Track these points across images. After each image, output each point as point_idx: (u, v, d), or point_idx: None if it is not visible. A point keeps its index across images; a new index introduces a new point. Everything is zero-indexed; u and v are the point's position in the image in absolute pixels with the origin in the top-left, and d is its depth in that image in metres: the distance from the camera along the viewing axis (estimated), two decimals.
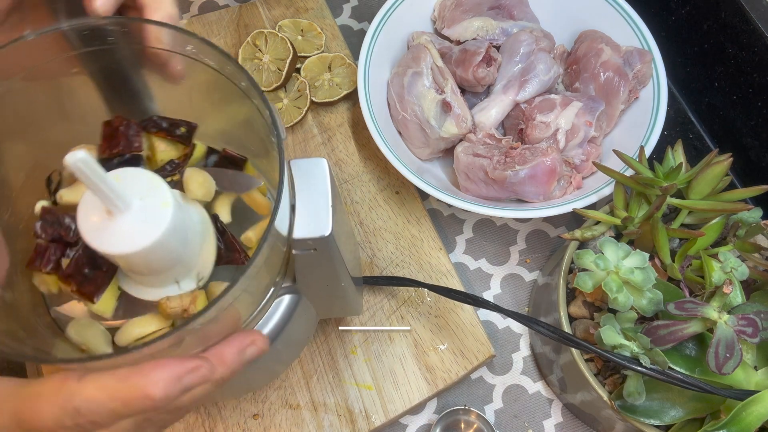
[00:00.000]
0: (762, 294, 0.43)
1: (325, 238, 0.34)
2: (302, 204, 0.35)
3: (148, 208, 0.30)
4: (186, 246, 0.33)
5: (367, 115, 0.58)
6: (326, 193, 0.35)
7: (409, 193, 0.62)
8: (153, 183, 0.31)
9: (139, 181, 0.31)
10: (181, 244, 0.32)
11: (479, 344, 0.55)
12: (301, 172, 0.36)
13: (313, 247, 0.35)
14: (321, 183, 0.36)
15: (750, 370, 0.41)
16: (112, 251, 0.29)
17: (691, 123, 0.65)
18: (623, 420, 0.43)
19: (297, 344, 0.46)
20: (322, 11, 0.72)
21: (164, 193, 0.31)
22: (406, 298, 0.57)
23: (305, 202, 0.35)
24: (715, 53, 0.60)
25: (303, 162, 0.36)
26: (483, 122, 0.59)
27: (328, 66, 0.67)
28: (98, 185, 0.27)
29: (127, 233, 0.29)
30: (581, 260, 0.43)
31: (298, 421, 0.52)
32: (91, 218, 0.29)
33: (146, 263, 0.31)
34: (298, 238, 0.34)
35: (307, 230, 0.34)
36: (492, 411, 0.56)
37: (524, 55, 0.59)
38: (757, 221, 0.45)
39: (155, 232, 0.30)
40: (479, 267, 0.62)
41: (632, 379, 0.41)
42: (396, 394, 0.53)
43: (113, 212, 0.29)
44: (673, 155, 0.48)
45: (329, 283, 0.41)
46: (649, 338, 0.39)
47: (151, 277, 0.33)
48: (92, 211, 0.30)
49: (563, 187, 0.56)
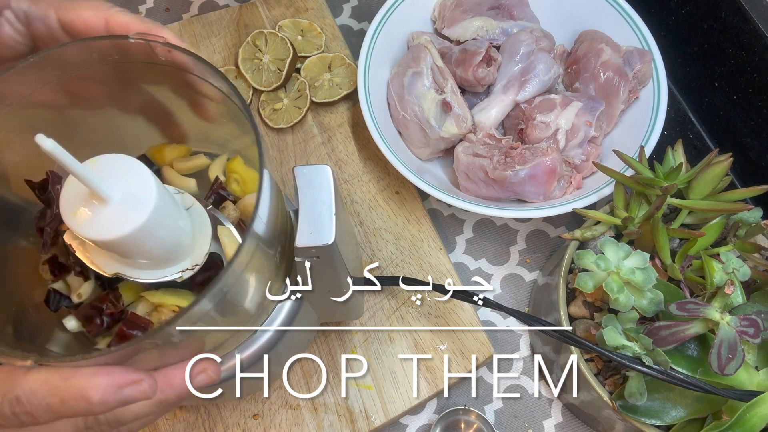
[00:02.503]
0: (762, 294, 0.43)
1: (328, 246, 0.34)
2: (305, 212, 0.35)
3: (131, 194, 0.30)
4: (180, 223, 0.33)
5: (367, 115, 0.57)
6: (329, 202, 0.35)
7: (409, 193, 0.62)
8: (135, 168, 0.31)
9: (121, 167, 0.30)
10: (170, 230, 0.32)
11: (479, 344, 0.55)
12: (305, 179, 0.36)
13: (316, 255, 0.35)
14: (325, 191, 0.35)
15: (752, 371, 0.41)
16: (96, 238, 0.29)
17: (691, 123, 0.65)
18: (623, 420, 0.43)
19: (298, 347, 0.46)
20: (322, 11, 0.72)
21: (147, 179, 0.30)
22: (406, 298, 0.57)
23: (308, 210, 0.35)
24: (715, 53, 0.60)
25: (307, 169, 0.36)
26: (483, 122, 0.59)
27: (328, 66, 0.67)
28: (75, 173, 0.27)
29: (111, 220, 0.29)
30: (582, 260, 0.43)
31: (298, 421, 0.52)
32: (75, 204, 0.29)
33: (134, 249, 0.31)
34: (301, 247, 0.34)
35: (310, 238, 0.34)
36: (492, 411, 0.56)
37: (524, 55, 0.59)
38: (757, 221, 0.45)
39: (138, 218, 0.29)
40: (479, 267, 0.62)
41: (634, 379, 0.41)
42: (396, 394, 0.53)
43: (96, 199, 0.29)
44: (673, 155, 0.48)
45: (331, 288, 0.41)
46: (650, 339, 0.39)
47: (156, 259, 0.33)
48: (76, 197, 0.29)
49: (563, 187, 0.56)
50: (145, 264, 0.34)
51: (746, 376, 0.40)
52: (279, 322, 0.39)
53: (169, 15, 0.75)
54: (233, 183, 0.42)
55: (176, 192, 0.37)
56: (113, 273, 0.34)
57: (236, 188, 0.42)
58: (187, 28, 0.70)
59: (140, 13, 0.75)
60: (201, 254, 0.36)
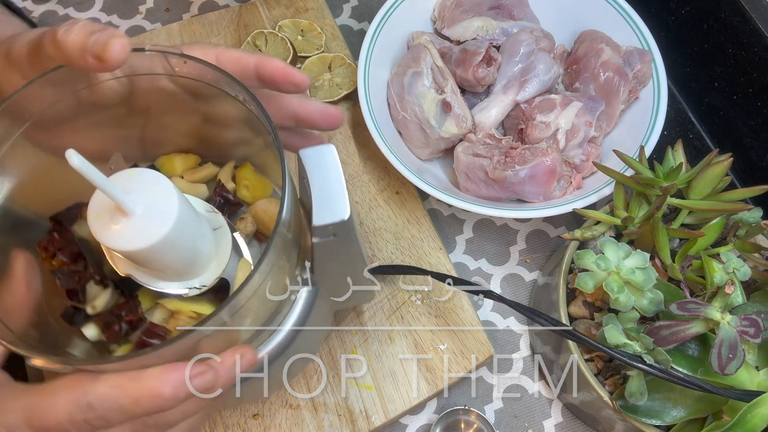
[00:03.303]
0: (762, 294, 0.43)
1: (344, 222, 0.34)
2: (317, 191, 0.35)
3: (153, 208, 0.31)
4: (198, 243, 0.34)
5: (367, 115, 0.57)
6: (340, 179, 0.35)
7: (409, 193, 0.62)
8: (159, 183, 0.32)
9: (144, 180, 0.31)
10: (187, 247, 0.33)
11: (479, 344, 0.55)
12: (312, 160, 0.36)
13: (333, 233, 0.35)
14: (333, 169, 0.35)
15: (752, 371, 0.41)
16: (120, 248, 0.30)
17: (691, 123, 0.65)
18: (623, 420, 0.43)
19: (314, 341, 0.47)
20: (322, 11, 0.72)
21: (170, 194, 0.31)
22: (406, 298, 0.57)
23: (320, 190, 0.35)
24: (715, 53, 0.60)
25: (311, 151, 0.36)
26: (483, 122, 0.59)
27: (328, 66, 0.67)
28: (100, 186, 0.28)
29: (133, 232, 0.30)
30: (582, 260, 0.43)
31: (298, 421, 0.52)
32: (101, 216, 0.30)
33: (150, 261, 0.32)
34: (318, 225, 0.34)
35: (327, 216, 0.34)
36: (492, 411, 0.56)
37: (524, 55, 0.59)
38: (757, 221, 0.45)
39: (158, 233, 0.30)
40: (479, 267, 0.62)
41: (634, 379, 0.41)
42: (396, 394, 0.53)
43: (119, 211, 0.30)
44: (673, 155, 0.48)
45: (347, 270, 0.41)
46: (651, 338, 0.39)
47: (168, 272, 0.34)
48: (102, 209, 0.31)
49: (563, 187, 0.56)
50: (157, 274, 0.35)
51: (747, 376, 0.40)
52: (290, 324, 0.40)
53: (169, 15, 0.75)
54: (243, 189, 0.43)
55: (210, 210, 0.38)
56: (125, 273, 0.35)
57: (246, 194, 0.43)
58: (187, 28, 0.70)
59: (140, 13, 0.75)
60: (212, 277, 0.36)
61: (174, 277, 0.35)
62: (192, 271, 0.35)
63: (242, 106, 0.35)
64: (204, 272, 0.36)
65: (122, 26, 0.74)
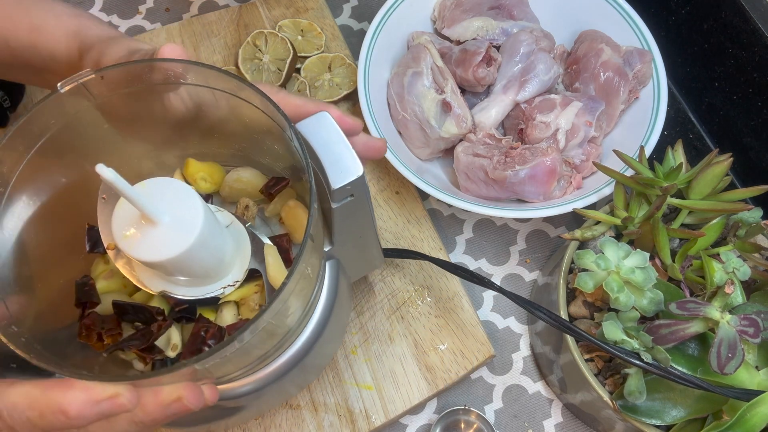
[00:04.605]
0: (762, 294, 0.43)
1: (360, 178, 0.35)
2: (326, 157, 0.35)
3: (179, 217, 0.31)
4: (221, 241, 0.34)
5: (367, 115, 0.58)
6: (343, 140, 0.35)
7: (409, 193, 0.62)
8: (183, 192, 0.32)
9: (169, 190, 0.32)
10: (214, 250, 0.33)
11: (479, 344, 0.55)
12: (311, 129, 0.36)
13: (351, 194, 0.36)
14: (333, 132, 0.36)
15: (752, 370, 0.41)
16: (152, 259, 0.30)
17: (691, 123, 0.65)
18: (623, 420, 0.43)
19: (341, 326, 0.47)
20: (322, 11, 0.72)
21: (194, 202, 0.31)
22: (407, 298, 0.57)
23: (328, 155, 0.35)
24: (715, 53, 0.60)
25: (307, 122, 0.36)
26: (483, 122, 0.59)
27: (328, 66, 0.67)
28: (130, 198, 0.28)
29: (159, 242, 0.30)
30: (582, 260, 0.43)
31: (298, 421, 0.52)
32: (126, 227, 0.31)
33: (180, 269, 0.32)
34: (337, 188, 0.35)
35: (343, 177, 0.35)
36: (492, 411, 0.56)
37: (524, 55, 0.59)
38: (757, 221, 0.45)
39: (186, 240, 0.30)
40: (479, 267, 0.62)
41: (633, 377, 0.41)
42: (396, 394, 0.53)
43: (146, 221, 0.30)
44: (673, 155, 0.48)
45: (362, 233, 0.42)
46: (650, 336, 0.39)
47: (201, 277, 0.34)
48: (127, 219, 0.31)
49: (563, 187, 0.56)
50: (187, 281, 0.35)
51: (746, 376, 0.40)
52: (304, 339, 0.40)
53: (169, 15, 0.75)
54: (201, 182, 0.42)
55: (216, 210, 0.38)
56: (159, 291, 0.35)
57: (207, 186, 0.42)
58: (187, 28, 0.70)
59: (140, 13, 0.75)
60: (241, 271, 0.36)
61: (207, 281, 0.35)
62: (221, 270, 0.36)
63: (289, 143, 0.36)
64: (232, 269, 0.36)
65: (122, 26, 0.74)
